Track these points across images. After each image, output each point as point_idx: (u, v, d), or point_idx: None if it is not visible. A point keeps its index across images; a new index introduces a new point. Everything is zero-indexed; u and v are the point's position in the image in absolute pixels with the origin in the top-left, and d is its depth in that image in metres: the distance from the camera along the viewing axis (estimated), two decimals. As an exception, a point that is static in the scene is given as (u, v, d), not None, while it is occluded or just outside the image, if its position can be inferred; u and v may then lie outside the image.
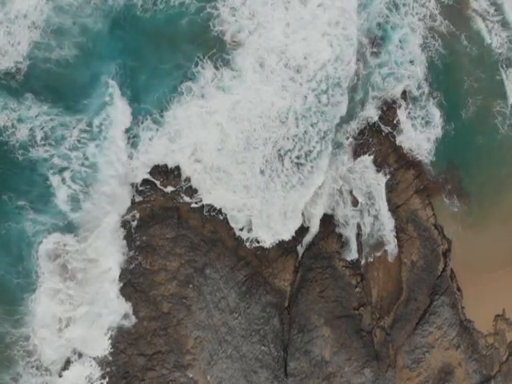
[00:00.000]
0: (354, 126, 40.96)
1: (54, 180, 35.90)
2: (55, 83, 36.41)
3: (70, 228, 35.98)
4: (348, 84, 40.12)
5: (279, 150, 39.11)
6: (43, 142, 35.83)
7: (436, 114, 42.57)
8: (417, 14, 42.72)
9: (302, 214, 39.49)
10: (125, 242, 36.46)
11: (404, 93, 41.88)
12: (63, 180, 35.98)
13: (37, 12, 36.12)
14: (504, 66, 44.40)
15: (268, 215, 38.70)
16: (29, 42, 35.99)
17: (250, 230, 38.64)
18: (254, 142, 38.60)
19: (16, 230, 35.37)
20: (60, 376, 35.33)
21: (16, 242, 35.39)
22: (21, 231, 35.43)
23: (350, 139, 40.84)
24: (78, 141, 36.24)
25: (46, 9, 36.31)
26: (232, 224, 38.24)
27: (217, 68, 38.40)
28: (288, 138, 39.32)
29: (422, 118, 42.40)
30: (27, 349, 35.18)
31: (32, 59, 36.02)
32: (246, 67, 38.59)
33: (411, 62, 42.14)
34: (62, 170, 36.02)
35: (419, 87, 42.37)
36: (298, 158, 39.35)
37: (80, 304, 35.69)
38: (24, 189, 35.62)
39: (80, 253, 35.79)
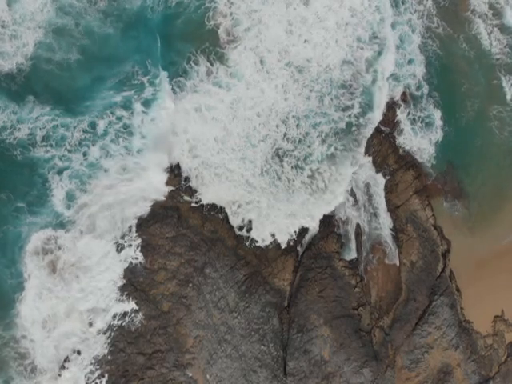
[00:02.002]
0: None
1: (53, 180, 36.02)
2: (57, 84, 36.59)
3: (63, 225, 36.12)
4: (362, 89, 40.42)
5: (278, 150, 39.23)
6: (44, 143, 35.96)
7: (436, 116, 42.64)
8: (416, 11, 42.81)
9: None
10: (124, 239, 36.62)
11: (404, 94, 41.99)
12: (61, 180, 36.13)
13: (43, 14, 36.23)
14: (503, 71, 44.46)
15: (270, 215, 38.89)
16: (34, 44, 36.12)
17: (249, 230, 38.74)
18: (254, 139, 38.69)
19: (13, 233, 35.46)
20: (59, 375, 35.31)
21: (11, 244, 35.46)
22: (17, 233, 35.54)
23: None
24: (79, 142, 36.55)
25: (51, 11, 36.44)
26: (232, 219, 38.29)
27: (211, 63, 38.49)
28: (288, 139, 39.48)
29: (422, 120, 42.47)
30: (18, 351, 35.16)
31: (35, 60, 36.14)
32: (245, 64, 38.67)
33: (410, 62, 42.23)
34: (61, 171, 36.18)
35: (418, 88, 42.46)
36: (297, 159, 39.50)
37: (73, 301, 35.73)
38: (23, 189, 35.71)
39: (73, 249, 35.81)
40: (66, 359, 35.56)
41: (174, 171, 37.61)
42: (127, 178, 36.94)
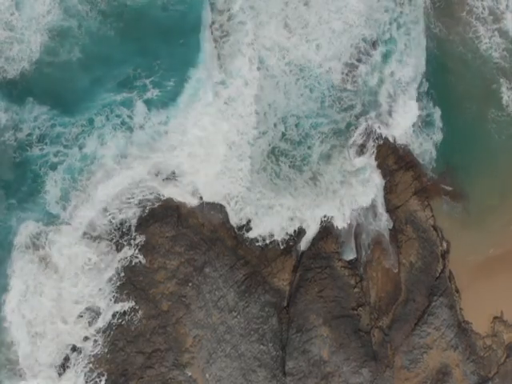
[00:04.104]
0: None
1: (47, 176, 35.78)
2: (57, 87, 36.63)
3: (59, 222, 35.84)
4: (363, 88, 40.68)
5: (275, 150, 39.36)
6: (40, 142, 35.86)
7: (436, 116, 42.68)
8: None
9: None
10: (123, 238, 36.62)
11: (404, 95, 41.98)
12: (55, 175, 35.89)
13: (49, 17, 36.19)
14: (500, 74, 44.56)
15: (270, 213, 39.05)
16: (39, 48, 36.05)
17: (248, 230, 38.76)
18: (251, 137, 38.65)
19: (3, 229, 35.15)
20: (59, 374, 35.29)
21: (2, 243, 35.23)
22: (7, 231, 35.19)
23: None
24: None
25: (58, 13, 36.43)
26: (231, 217, 38.21)
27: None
28: (287, 139, 39.64)
29: (422, 120, 42.53)
30: (9, 357, 34.75)
31: (38, 64, 36.09)
32: (240, 60, 38.21)
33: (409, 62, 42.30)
34: (54, 167, 36.01)
35: (419, 87, 42.49)
36: (295, 160, 39.67)
37: (70, 300, 35.59)
38: (16, 187, 35.51)
39: (66, 245, 35.58)
40: (66, 358, 35.53)
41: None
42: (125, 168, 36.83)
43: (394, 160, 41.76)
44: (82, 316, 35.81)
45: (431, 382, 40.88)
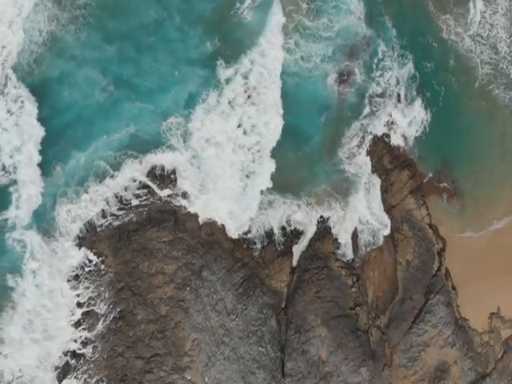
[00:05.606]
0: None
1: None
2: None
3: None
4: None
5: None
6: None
7: (429, 114, 42.58)
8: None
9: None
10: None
11: (398, 95, 41.94)
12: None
13: None
14: (493, 71, 44.36)
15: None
16: None
17: (246, 232, 38.78)
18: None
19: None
20: (59, 381, 35.40)
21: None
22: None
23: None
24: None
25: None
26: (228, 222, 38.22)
27: None
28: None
29: (416, 119, 42.42)
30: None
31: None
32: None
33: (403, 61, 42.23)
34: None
35: (411, 88, 42.43)
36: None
37: (71, 306, 35.79)
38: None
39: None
40: (65, 364, 35.60)
41: (170, 176, 37.47)
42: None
43: (389, 160, 41.78)
44: (80, 322, 35.79)
45: (429, 379, 41.21)
